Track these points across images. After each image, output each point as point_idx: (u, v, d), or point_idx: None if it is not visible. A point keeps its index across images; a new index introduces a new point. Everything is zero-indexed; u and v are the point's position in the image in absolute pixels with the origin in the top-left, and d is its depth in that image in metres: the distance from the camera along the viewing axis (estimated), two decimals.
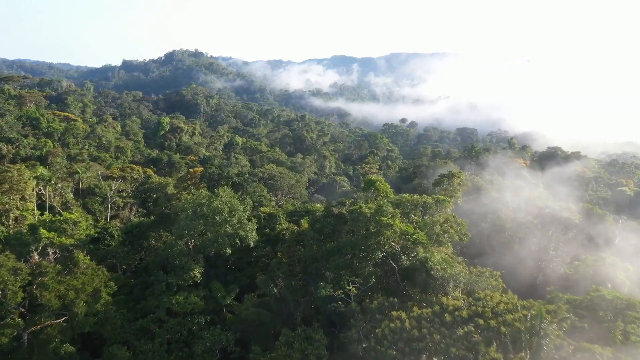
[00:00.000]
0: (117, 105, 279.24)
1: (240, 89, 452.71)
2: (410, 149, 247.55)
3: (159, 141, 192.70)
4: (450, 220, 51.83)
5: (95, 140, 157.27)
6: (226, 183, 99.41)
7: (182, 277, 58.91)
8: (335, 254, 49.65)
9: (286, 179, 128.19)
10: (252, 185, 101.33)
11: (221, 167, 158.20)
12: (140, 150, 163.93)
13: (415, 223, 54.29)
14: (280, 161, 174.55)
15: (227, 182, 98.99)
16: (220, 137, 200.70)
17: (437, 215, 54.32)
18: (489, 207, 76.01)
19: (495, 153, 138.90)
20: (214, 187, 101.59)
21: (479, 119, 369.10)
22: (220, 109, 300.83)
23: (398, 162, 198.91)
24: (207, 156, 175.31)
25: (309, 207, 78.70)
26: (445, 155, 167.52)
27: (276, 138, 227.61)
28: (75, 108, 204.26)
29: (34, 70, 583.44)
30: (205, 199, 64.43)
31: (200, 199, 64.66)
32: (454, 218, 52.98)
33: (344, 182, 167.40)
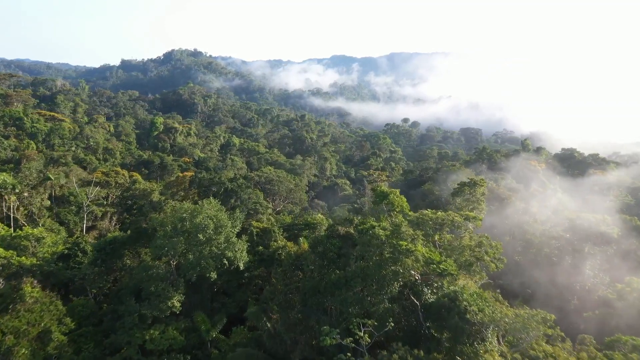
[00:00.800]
0: (112, 105, 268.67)
1: (239, 88, 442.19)
2: (413, 149, 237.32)
3: (152, 142, 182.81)
4: (484, 243, 41.75)
5: (83, 141, 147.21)
6: (218, 190, 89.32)
7: (158, 307, 48.87)
8: (341, 286, 39.63)
9: (284, 183, 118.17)
10: (247, 191, 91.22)
11: (216, 170, 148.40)
12: (131, 152, 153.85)
13: (438, 245, 44.21)
14: (279, 163, 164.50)
15: (219, 188, 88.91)
16: (217, 138, 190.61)
17: (464, 233, 44.25)
18: (513, 219, 65.91)
19: (508, 155, 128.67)
20: (205, 193, 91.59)
21: (482, 118, 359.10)
22: (218, 108, 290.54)
23: (402, 163, 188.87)
24: (202, 158, 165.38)
25: (309, 220, 68.60)
26: (452, 157, 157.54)
27: (275, 139, 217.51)
28: (66, 108, 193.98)
29: (32, 70, 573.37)
30: (188, 213, 54.34)
31: (182, 212, 54.57)
32: (488, 240, 42.89)
33: (345, 186, 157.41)
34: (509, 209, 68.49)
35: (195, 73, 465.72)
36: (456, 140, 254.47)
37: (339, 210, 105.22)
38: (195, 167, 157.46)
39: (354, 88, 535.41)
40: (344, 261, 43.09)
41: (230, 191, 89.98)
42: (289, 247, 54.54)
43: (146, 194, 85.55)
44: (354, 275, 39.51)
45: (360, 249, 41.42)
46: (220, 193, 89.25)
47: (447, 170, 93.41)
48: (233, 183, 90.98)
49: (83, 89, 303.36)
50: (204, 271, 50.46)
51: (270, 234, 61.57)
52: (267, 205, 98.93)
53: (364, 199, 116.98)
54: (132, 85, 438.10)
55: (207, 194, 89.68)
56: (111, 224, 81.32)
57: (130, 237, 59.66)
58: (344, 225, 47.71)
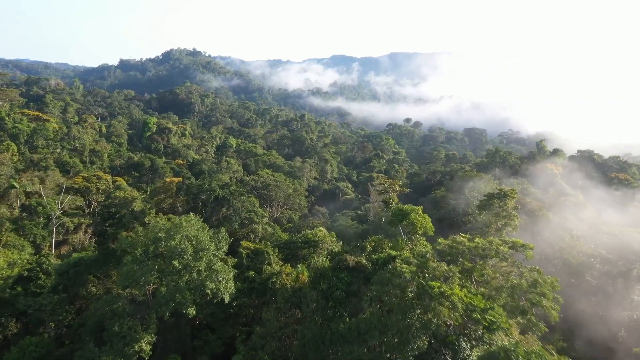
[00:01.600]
0: (107, 104, 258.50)
1: (237, 88, 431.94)
2: (416, 150, 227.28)
3: (145, 143, 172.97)
4: (539, 282, 31.77)
5: (70, 142, 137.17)
6: (208, 197, 79.41)
7: (122, 353, 38.96)
8: (352, 340, 29.70)
9: (282, 188, 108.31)
10: (240, 199, 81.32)
11: (210, 173, 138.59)
12: (120, 154, 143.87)
13: (476, 281, 34.16)
14: (277, 165, 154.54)
15: (209, 196, 79.01)
16: (213, 139, 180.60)
17: (511, 266, 34.20)
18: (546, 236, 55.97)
19: (522, 158, 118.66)
20: (194, 202, 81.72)
21: (484, 118, 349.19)
22: (215, 108, 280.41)
23: (406, 165, 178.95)
24: (197, 160, 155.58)
25: (309, 236, 58.56)
26: (461, 159, 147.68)
27: (273, 139, 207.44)
28: (55, 107, 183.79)
29: (30, 69, 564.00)
30: (163, 231, 44.43)
31: (157, 231, 44.67)
32: (542, 276, 32.92)
33: (347, 189, 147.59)
34: (539, 223, 58.54)
35: (193, 72, 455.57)
36: (460, 141, 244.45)
37: (341, 219, 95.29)
38: (189, 170, 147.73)
39: (354, 88, 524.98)
40: (355, 303, 33.18)
41: (222, 199, 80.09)
42: (284, 276, 44.47)
43: (127, 203, 75.59)
44: (369, 325, 29.61)
45: (376, 288, 31.47)
46: (210, 201, 79.38)
47: (463, 176, 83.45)
48: (225, 190, 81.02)
49: (77, 88, 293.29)
50: (179, 307, 40.52)
51: (263, 256, 51.54)
52: (263, 213, 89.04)
53: (369, 205, 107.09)
54: (130, 85, 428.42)
55: (196, 202, 79.87)
56: (86, 236, 71.37)
57: (97, 259, 49.77)
58: (353, 254, 37.60)
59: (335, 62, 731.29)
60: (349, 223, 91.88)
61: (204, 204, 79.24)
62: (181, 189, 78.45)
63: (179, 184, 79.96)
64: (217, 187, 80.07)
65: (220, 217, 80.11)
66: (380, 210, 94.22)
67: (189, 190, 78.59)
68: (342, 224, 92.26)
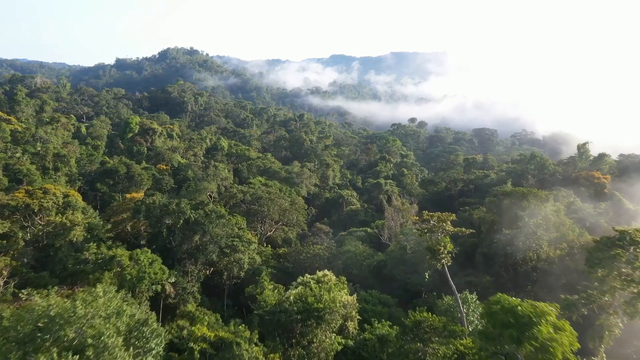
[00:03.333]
0: (94, 103, 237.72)
1: (234, 87, 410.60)
2: (423, 152, 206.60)
3: (127, 146, 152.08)
4: None
5: (34, 145, 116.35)
6: (175, 222, 58.78)
7: None
8: None
9: (277, 201, 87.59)
10: (219, 222, 60.74)
11: (196, 181, 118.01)
12: (92, 159, 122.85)
13: None
14: (273, 171, 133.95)
15: (177, 220, 58.46)
16: (202, 140, 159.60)
17: None
18: None
19: (562, 164, 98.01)
20: (157, 228, 61.01)
21: (490, 118, 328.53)
22: (209, 107, 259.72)
23: (415, 169, 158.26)
24: (183, 164, 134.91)
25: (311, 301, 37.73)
26: (482, 164, 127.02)
27: (270, 141, 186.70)
28: (28, 106, 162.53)
29: (25, 69, 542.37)
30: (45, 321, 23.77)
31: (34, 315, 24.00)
32: None
33: (352, 198, 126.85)
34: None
35: (189, 71, 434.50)
36: (469, 142, 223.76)
37: (349, 242, 74.53)
38: (172, 176, 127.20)
39: (354, 87, 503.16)
40: None
41: (194, 223, 59.39)
42: None
43: (65, 231, 55.01)
44: None
45: None
46: (178, 227, 58.70)
47: (510, 194, 62.62)
48: (198, 212, 60.33)
49: (64, 86, 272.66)
50: None
51: (231, 351, 30.71)
52: (251, 239, 68.38)
53: (381, 222, 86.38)
54: (126, 84, 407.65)
55: (160, 227, 59.16)
56: (1, 280, 50.51)
57: None
58: None
59: (334, 62, 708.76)
60: (360, 249, 71.26)
61: (170, 230, 58.61)
62: (139, 210, 57.83)
63: (137, 203, 59.41)
64: (187, 208, 59.30)
65: (191, 247, 59.54)
66: (399, 231, 73.72)
67: (149, 212, 57.96)
68: (351, 250, 71.61)
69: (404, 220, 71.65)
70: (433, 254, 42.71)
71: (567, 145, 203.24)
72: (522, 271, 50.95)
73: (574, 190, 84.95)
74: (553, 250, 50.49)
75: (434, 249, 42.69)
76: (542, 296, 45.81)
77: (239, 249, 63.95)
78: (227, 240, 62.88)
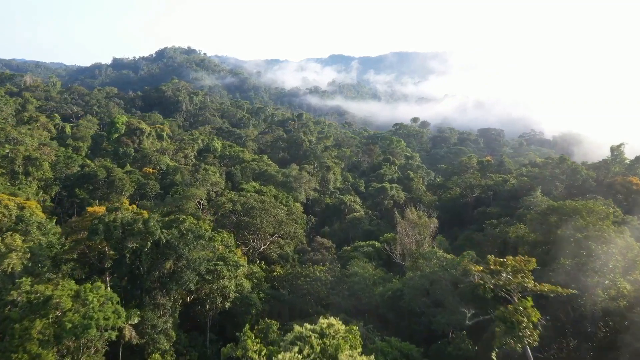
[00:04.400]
0: (85, 102, 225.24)
1: (232, 86, 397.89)
2: (427, 153, 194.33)
3: (113, 147, 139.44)
4: None
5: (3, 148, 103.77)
6: (142, 245, 46.44)
7: None
8: None
9: (271, 212, 75.26)
10: (197, 244, 48.47)
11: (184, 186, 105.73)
12: (70, 162, 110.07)
13: None
14: (269, 175, 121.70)
15: (144, 242, 46.16)
16: (194, 141, 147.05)
17: None
18: None
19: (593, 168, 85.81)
20: (119, 252, 48.66)
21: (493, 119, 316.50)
22: (205, 107, 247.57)
23: (421, 172, 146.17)
24: (172, 167, 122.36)
25: None
26: (497, 166, 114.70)
27: (267, 141, 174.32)
28: (7, 105, 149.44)
29: (21, 68, 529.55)
30: None
31: None
32: None
33: (355, 204, 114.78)
34: None
35: (186, 71, 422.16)
36: (474, 142, 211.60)
37: (357, 264, 62.03)
38: (158, 182, 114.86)
39: (354, 86, 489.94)
40: None
41: (166, 247, 47.07)
42: None
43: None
44: None
45: None
46: (146, 250, 46.36)
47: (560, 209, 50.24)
48: (172, 231, 47.97)
49: (54, 85, 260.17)
50: None
51: None
52: (239, 261, 56.07)
53: (391, 235, 74.18)
54: (122, 84, 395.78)
55: (122, 250, 46.78)
56: None
57: None
58: None
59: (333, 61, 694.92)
60: (369, 271, 58.92)
61: (136, 253, 46.27)
62: (95, 230, 45.40)
63: (94, 222, 46.88)
64: (157, 227, 46.87)
65: (163, 274, 47.23)
66: (414, 249, 61.45)
67: (109, 233, 45.60)
68: (359, 272, 59.17)
69: (421, 237, 59.60)
70: (509, 328, 28.92)
71: (578, 145, 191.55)
72: (601, 333, 36.93)
73: (614, 198, 72.85)
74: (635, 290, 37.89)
75: (510, 320, 28.28)
76: None
77: (224, 275, 51.74)
78: (209, 265, 50.62)
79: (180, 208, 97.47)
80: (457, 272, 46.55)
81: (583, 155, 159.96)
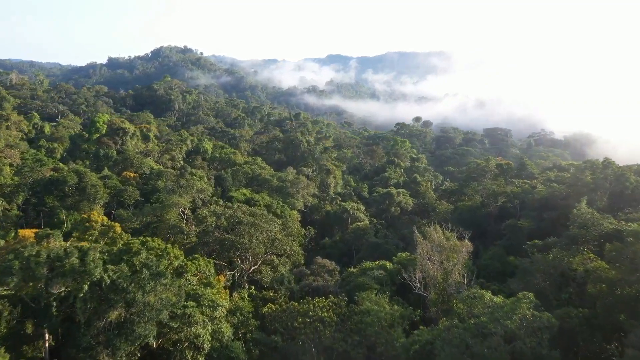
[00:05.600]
0: (72, 101, 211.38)
1: (228, 85, 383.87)
2: (431, 154, 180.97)
3: (94, 148, 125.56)
4: None
5: None
6: (76, 288, 32.89)
7: None
8: None
9: (263, 228, 61.71)
10: (156, 283, 35.01)
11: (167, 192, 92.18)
12: (35, 167, 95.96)
13: None
14: (263, 179, 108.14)
15: (79, 285, 32.68)
16: (182, 142, 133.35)
17: None
18: None
19: None
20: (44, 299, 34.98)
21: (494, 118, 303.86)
22: (198, 106, 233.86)
23: (429, 175, 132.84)
24: (156, 171, 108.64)
25: None
26: (518, 171, 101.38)
27: (262, 142, 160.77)
28: None
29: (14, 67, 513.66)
30: None
31: None
32: None
33: (358, 212, 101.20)
34: None
35: (182, 70, 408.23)
36: (480, 143, 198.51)
37: (367, 297, 48.41)
38: (141, 186, 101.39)
39: (352, 86, 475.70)
40: None
41: (112, 289, 33.44)
42: None
43: None
44: None
45: None
46: (80, 297, 32.66)
47: None
48: (121, 267, 34.31)
49: (40, 83, 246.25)
50: None
51: None
52: (217, 300, 42.52)
53: (408, 255, 60.83)
54: (116, 83, 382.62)
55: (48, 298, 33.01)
56: None
57: None
58: None
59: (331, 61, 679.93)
60: (385, 310, 45.35)
61: (68, 300, 32.66)
62: (9, 270, 31.66)
63: (8, 257, 33.21)
64: (98, 264, 33.22)
65: (108, 327, 33.71)
66: (440, 279, 47.97)
67: (29, 273, 31.92)
68: (372, 310, 45.57)
69: (450, 264, 46.26)
70: None
71: (590, 146, 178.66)
72: None
73: None
74: None
75: None
76: None
77: (196, 320, 38.23)
78: (176, 308, 37.13)
79: (161, 219, 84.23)
80: (512, 323, 33.27)
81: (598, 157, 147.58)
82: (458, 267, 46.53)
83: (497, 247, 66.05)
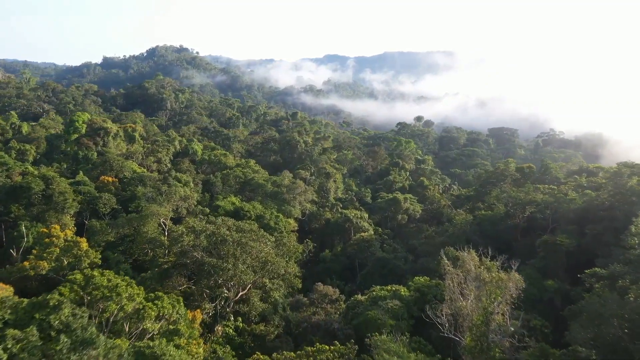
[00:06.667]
0: (59, 100, 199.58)
1: (224, 85, 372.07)
2: (435, 155, 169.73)
3: (73, 150, 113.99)
4: None
5: None
6: None
7: None
8: None
9: (251, 247, 50.24)
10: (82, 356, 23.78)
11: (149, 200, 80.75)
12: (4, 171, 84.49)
13: None
14: (256, 184, 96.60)
15: None
16: (170, 143, 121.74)
17: None
18: None
19: None
20: None
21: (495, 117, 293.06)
22: (191, 105, 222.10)
23: (435, 178, 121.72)
24: (138, 175, 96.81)
25: None
26: (541, 174, 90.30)
27: (257, 143, 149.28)
28: None
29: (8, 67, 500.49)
30: None
31: None
32: None
33: (361, 221, 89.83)
34: None
35: (177, 69, 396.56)
36: (485, 143, 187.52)
37: (384, 344, 36.99)
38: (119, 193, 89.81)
39: (350, 85, 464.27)
40: None
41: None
42: None
43: None
44: None
45: None
46: None
47: None
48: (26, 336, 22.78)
49: (27, 81, 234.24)
50: None
51: None
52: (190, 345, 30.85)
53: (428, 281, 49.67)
54: (110, 83, 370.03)
55: None
56: None
57: None
58: None
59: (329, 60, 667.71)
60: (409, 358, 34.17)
61: None
62: None
63: None
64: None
65: None
66: (480, 323, 36.61)
67: None
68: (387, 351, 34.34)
69: (492, 301, 34.92)
70: None
71: (604, 147, 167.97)
72: None
73: None
74: None
75: None
76: None
77: None
78: None
79: (138, 231, 72.92)
80: None
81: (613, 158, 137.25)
82: (503, 305, 35.24)
83: (529, 267, 54.80)
